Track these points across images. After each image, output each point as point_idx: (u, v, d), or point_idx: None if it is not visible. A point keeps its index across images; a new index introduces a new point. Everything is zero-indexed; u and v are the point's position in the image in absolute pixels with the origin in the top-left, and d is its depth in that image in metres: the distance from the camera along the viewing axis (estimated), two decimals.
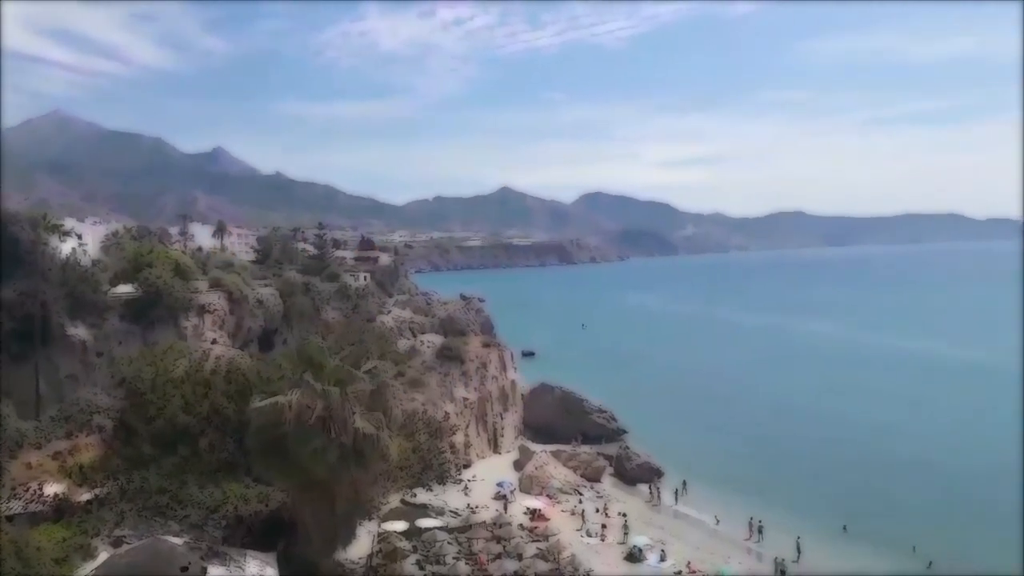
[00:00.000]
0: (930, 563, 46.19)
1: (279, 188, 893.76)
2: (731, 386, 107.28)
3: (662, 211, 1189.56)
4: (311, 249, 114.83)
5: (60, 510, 31.86)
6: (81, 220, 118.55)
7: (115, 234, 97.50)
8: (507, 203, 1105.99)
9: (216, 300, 64.86)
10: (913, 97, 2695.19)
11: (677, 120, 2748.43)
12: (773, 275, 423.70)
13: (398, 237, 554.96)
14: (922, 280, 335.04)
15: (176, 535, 29.78)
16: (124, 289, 58.84)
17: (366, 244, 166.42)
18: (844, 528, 52.50)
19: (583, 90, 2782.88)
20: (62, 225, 61.00)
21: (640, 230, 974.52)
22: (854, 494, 60.49)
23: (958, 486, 62.12)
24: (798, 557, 48.40)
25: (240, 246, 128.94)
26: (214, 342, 59.05)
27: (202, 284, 65.89)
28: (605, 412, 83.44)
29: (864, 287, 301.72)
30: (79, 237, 67.79)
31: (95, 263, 62.78)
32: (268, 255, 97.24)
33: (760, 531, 52.81)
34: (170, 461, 32.35)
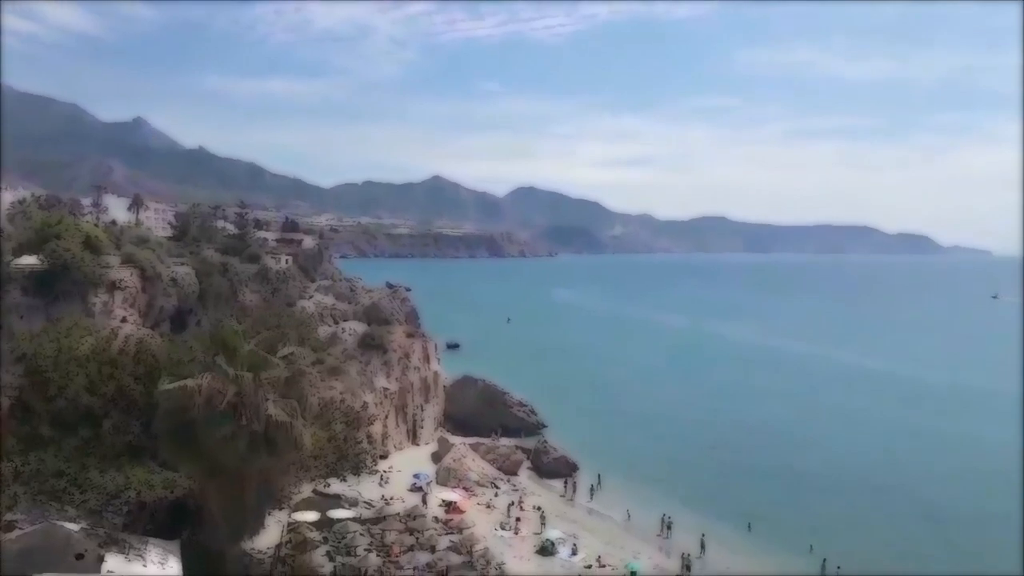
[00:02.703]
0: (824, 561, 48.29)
1: (201, 163, 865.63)
2: (649, 384, 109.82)
3: (593, 209, 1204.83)
4: (232, 228, 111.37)
5: None
6: None
7: (22, 202, 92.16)
8: (438, 192, 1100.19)
9: (128, 277, 62.14)
10: (833, 113, 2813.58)
11: (611, 120, 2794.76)
12: (695, 277, 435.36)
13: (324, 220, 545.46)
14: (833, 289, 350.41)
15: (73, 521, 28.55)
16: (28, 260, 55.70)
17: (290, 226, 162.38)
18: (749, 527, 54.33)
19: (520, 84, 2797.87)
20: None
21: (570, 227, 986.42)
22: (760, 493, 62.70)
23: (856, 485, 65.22)
24: (702, 553, 49.89)
25: (157, 221, 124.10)
26: (123, 320, 56.62)
27: (114, 259, 62.96)
28: (526, 406, 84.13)
29: (779, 293, 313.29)
30: None
31: None
32: (186, 232, 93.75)
33: (670, 527, 54.17)
34: (70, 443, 30.92)
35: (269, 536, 39.68)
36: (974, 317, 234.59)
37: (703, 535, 51.17)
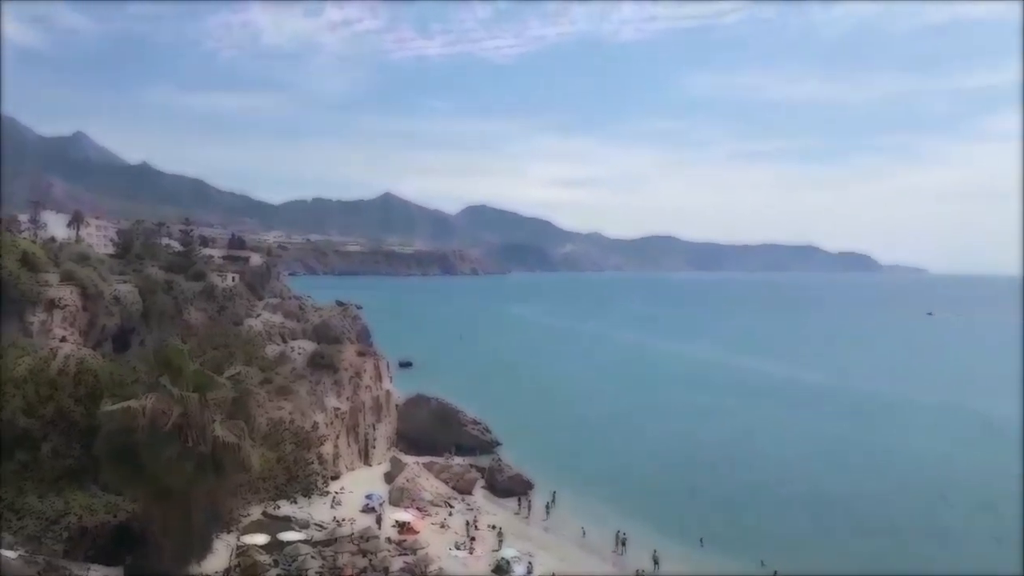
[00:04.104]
0: (775, 573, 48.98)
1: (145, 179, 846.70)
2: (602, 400, 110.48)
3: (544, 228, 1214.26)
4: (176, 246, 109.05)
5: None
6: None
7: None
8: (390, 210, 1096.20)
9: (67, 295, 60.27)
10: (775, 135, 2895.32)
11: (560, 141, 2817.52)
12: (645, 295, 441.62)
13: (272, 238, 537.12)
14: (778, 306, 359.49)
15: (10, 548, 27.37)
16: None
17: (237, 243, 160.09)
18: (701, 541, 54.83)
19: (471, 103, 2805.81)
20: None
21: (522, 245, 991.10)
22: (711, 508, 63.33)
23: (803, 498, 66.41)
24: (656, 569, 50.16)
25: (98, 238, 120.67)
26: (63, 340, 54.80)
27: (52, 277, 61.04)
28: (480, 424, 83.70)
29: (726, 310, 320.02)
30: None
31: None
32: (128, 249, 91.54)
33: (624, 543, 54.34)
34: (7, 467, 29.63)
35: (217, 560, 38.50)
36: (910, 332, 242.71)
37: (655, 551, 51.46)
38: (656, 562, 50.55)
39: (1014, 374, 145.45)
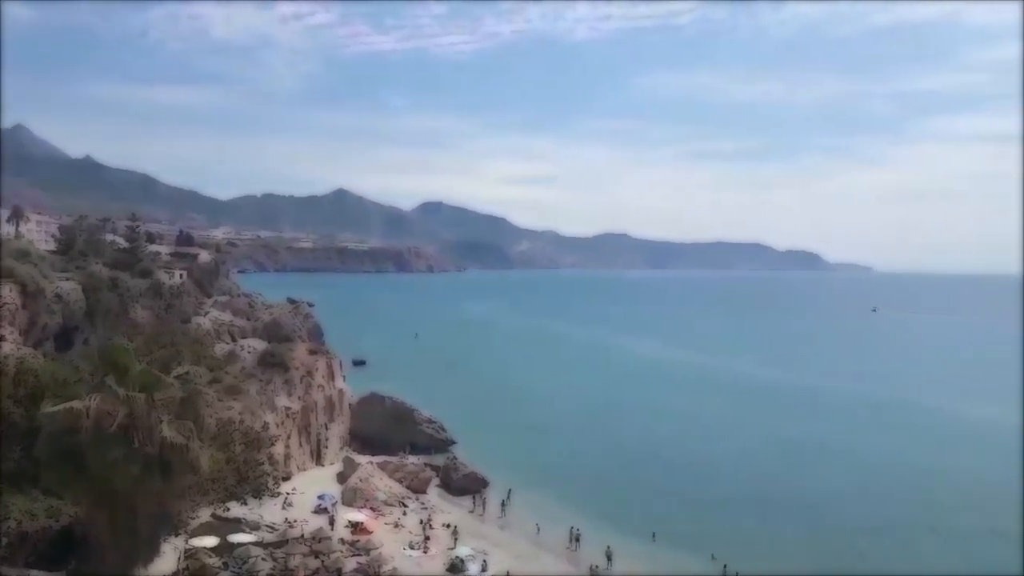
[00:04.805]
0: (725, 566, 49.90)
1: (88, 173, 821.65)
2: (557, 398, 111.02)
3: (500, 225, 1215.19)
4: (122, 242, 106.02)
5: None
6: None
7: None
8: (343, 206, 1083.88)
9: (6, 293, 58.10)
10: (725, 135, 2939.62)
11: (516, 138, 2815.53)
12: (600, 292, 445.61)
13: (221, 234, 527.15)
14: (727, 304, 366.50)
15: None
16: None
17: (184, 239, 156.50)
18: (653, 536, 55.53)
19: (426, 99, 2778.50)
20: None
21: (478, 242, 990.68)
22: (663, 503, 64.05)
23: (751, 493, 67.69)
24: (609, 564, 50.66)
25: (39, 234, 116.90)
26: (1, 339, 52.95)
27: None
28: (435, 423, 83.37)
29: (677, 308, 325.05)
30: None
31: None
32: (71, 246, 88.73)
33: (578, 539, 54.74)
34: None
35: (165, 564, 37.67)
36: (854, 329, 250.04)
37: (608, 547, 51.96)
38: (609, 558, 51.03)
39: (956, 369, 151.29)
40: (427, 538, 52.35)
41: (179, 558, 41.03)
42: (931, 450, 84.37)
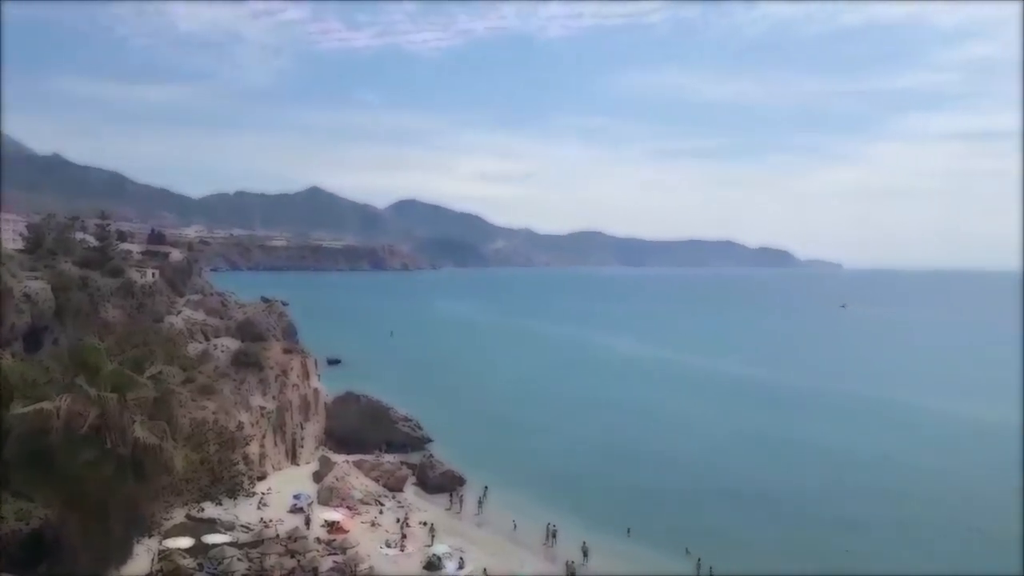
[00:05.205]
0: (699, 560, 50.42)
1: (56, 171, 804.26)
2: (533, 395, 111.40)
3: (475, 223, 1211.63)
4: (92, 240, 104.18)
5: None
6: None
7: None
8: (317, 203, 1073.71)
9: None
10: (697, 134, 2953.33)
11: (489, 135, 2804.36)
12: (575, 290, 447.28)
13: (193, 232, 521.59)
14: (700, 300, 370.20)
15: None
16: None
17: (156, 238, 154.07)
18: (628, 532, 55.94)
19: (399, 96, 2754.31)
20: None
21: (453, 240, 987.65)
22: (638, 500, 64.64)
23: (726, 488, 68.41)
24: (585, 560, 50.94)
25: (6, 233, 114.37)
26: None
27: None
28: (411, 420, 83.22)
29: (651, 305, 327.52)
30: None
31: None
32: (39, 244, 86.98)
33: (554, 536, 54.96)
34: None
35: (138, 565, 37.26)
36: (823, 324, 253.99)
37: (584, 543, 52.24)
38: (585, 554, 51.30)
39: (923, 363, 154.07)
40: (404, 536, 52.24)
41: (153, 559, 40.58)
42: (914, 447, 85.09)
